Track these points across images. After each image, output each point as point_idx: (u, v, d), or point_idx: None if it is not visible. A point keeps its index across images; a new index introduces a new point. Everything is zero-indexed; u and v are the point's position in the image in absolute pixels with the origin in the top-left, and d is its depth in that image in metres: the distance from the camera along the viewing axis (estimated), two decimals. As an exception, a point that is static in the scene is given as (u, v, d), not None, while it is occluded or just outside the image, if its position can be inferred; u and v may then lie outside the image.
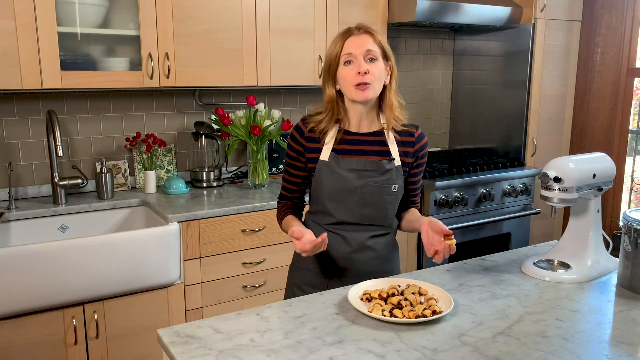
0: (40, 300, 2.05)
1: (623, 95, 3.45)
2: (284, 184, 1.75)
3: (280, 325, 1.34)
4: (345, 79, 1.54)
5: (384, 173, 1.60)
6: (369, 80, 1.52)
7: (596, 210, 1.70)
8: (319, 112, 1.64)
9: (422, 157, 1.70)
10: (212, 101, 2.97)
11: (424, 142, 1.68)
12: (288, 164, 1.72)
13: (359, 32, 1.55)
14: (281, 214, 1.75)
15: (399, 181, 1.63)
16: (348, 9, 2.89)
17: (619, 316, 1.41)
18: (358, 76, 1.52)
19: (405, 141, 1.65)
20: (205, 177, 2.83)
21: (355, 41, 1.53)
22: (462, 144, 3.82)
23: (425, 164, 1.73)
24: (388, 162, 1.61)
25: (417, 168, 1.70)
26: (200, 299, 2.43)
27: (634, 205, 3.61)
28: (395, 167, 1.62)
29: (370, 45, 1.53)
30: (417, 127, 1.68)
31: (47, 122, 2.43)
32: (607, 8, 3.45)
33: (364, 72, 1.51)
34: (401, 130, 1.64)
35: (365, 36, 1.54)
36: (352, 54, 1.52)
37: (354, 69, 1.52)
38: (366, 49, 1.52)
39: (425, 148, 1.69)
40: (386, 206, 1.63)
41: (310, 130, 1.64)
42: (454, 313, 1.40)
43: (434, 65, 3.72)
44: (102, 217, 2.51)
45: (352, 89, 1.53)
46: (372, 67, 1.53)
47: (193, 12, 2.49)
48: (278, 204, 1.79)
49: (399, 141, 1.64)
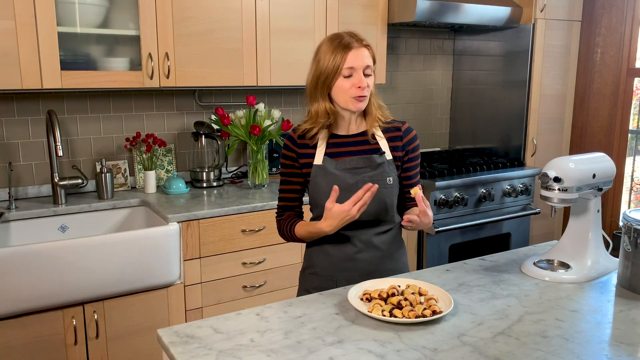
0: (40, 300, 2.05)
1: (623, 95, 3.45)
2: (283, 195, 1.75)
3: (280, 325, 1.34)
4: (345, 90, 1.58)
5: (376, 167, 1.65)
6: (366, 94, 1.60)
7: (596, 210, 1.70)
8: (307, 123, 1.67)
9: (414, 151, 1.72)
10: (212, 101, 2.97)
11: (411, 135, 1.72)
12: (284, 174, 1.73)
13: (359, 45, 1.58)
14: (288, 224, 1.71)
15: (393, 174, 1.67)
16: (348, 9, 2.89)
17: (619, 316, 1.41)
18: (358, 90, 1.57)
19: (393, 136, 1.70)
20: (205, 177, 2.83)
21: (357, 55, 1.57)
22: (462, 144, 3.82)
23: (418, 159, 1.75)
24: (379, 156, 1.66)
25: (410, 162, 1.72)
26: (200, 299, 2.43)
27: (634, 205, 3.61)
28: (387, 161, 1.67)
29: (368, 60, 1.59)
30: (403, 122, 1.73)
31: (47, 122, 2.43)
32: (607, 8, 3.45)
33: (364, 87, 1.57)
34: (388, 126, 1.70)
35: (364, 50, 1.59)
36: (353, 68, 1.57)
37: (355, 82, 1.57)
38: (366, 64, 1.58)
39: (415, 142, 1.72)
40: (384, 199, 1.65)
41: (300, 137, 1.68)
42: (454, 313, 1.40)
43: (434, 65, 3.72)
44: (102, 217, 2.51)
45: (350, 99, 1.59)
46: (369, 80, 1.60)
47: (193, 12, 2.49)
48: (279, 218, 1.76)
49: (387, 137, 1.69)
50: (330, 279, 1.70)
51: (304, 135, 1.67)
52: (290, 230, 1.70)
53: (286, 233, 1.72)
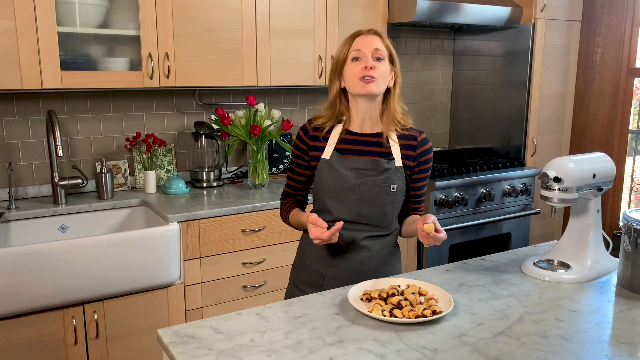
0: (40, 300, 2.05)
1: (623, 95, 3.45)
2: (288, 182, 1.80)
3: (280, 325, 1.34)
4: (352, 73, 1.59)
5: (382, 172, 1.63)
6: (374, 74, 1.57)
7: (596, 210, 1.70)
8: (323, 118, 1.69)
9: (425, 163, 1.70)
10: (212, 101, 2.97)
11: (426, 147, 1.69)
12: (293, 163, 1.77)
13: (369, 33, 1.62)
14: (286, 208, 1.78)
15: (399, 182, 1.64)
16: (348, 9, 2.89)
17: (619, 316, 1.41)
18: (364, 70, 1.57)
19: (408, 144, 1.67)
20: (205, 177, 2.83)
21: (364, 39, 1.60)
22: (462, 144, 3.82)
23: (429, 171, 1.72)
24: (387, 162, 1.63)
25: (420, 174, 1.70)
26: (200, 299, 2.43)
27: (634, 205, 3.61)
28: (396, 168, 1.64)
29: (378, 44, 1.59)
30: (421, 132, 1.70)
31: (47, 122, 2.43)
32: (607, 8, 3.45)
33: (370, 67, 1.56)
34: (404, 133, 1.67)
35: (374, 36, 1.61)
36: (360, 51, 1.58)
37: (361, 64, 1.58)
38: (374, 47, 1.58)
39: (429, 154, 1.69)
40: (384, 206, 1.64)
41: (315, 129, 1.70)
42: (454, 313, 1.40)
43: (434, 65, 3.72)
44: (102, 217, 2.51)
45: (357, 82, 1.58)
46: (378, 64, 1.58)
47: (193, 12, 2.49)
48: (282, 201, 1.82)
49: (401, 144, 1.66)
50: (318, 273, 1.71)
51: (318, 128, 1.69)
52: (285, 216, 1.78)
53: (283, 217, 1.80)
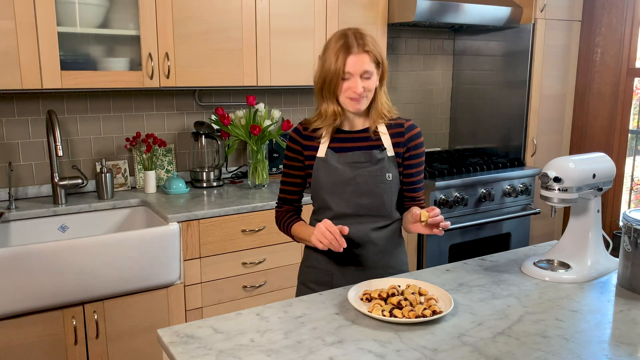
0: (40, 300, 2.05)
1: (623, 95, 3.45)
2: (284, 187, 1.79)
3: (280, 325, 1.34)
4: (343, 91, 1.63)
5: (377, 162, 1.67)
6: (362, 96, 1.62)
7: (596, 210, 1.70)
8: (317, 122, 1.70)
9: (415, 148, 1.72)
10: (212, 101, 2.97)
11: (414, 132, 1.71)
12: (287, 166, 1.77)
13: (359, 51, 1.59)
14: (286, 218, 1.76)
15: (393, 170, 1.68)
16: (348, 9, 2.89)
17: (619, 316, 1.41)
18: (353, 92, 1.61)
19: (396, 132, 1.71)
20: (205, 177, 2.83)
21: (354, 60, 1.59)
22: (462, 144, 3.82)
23: (421, 157, 1.74)
24: (380, 152, 1.68)
25: (411, 160, 1.72)
26: (200, 299, 2.43)
27: (634, 205, 3.61)
28: (388, 157, 1.68)
29: (367, 65, 1.60)
30: (407, 120, 1.74)
31: (47, 122, 2.43)
32: (607, 8, 3.45)
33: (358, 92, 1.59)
34: (391, 123, 1.71)
35: (364, 56, 1.60)
36: (350, 73, 1.60)
37: (351, 85, 1.60)
38: (363, 70, 1.59)
39: (418, 139, 1.72)
40: (382, 194, 1.67)
41: (306, 130, 1.73)
42: (454, 313, 1.40)
43: (434, 65, 3.72)
44: (102, 217, 2.51)
45: (347, 100, 1.63)
46: (366, 83, 1.61)
47: (193, 12, 2.49)
48: (278, 209, 1.81)
49: (390, 133, 1.71)
50: (327, 272, 1.73)
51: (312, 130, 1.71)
52: (286, 228, 1.76)
53: (282, 227, 1.78)
